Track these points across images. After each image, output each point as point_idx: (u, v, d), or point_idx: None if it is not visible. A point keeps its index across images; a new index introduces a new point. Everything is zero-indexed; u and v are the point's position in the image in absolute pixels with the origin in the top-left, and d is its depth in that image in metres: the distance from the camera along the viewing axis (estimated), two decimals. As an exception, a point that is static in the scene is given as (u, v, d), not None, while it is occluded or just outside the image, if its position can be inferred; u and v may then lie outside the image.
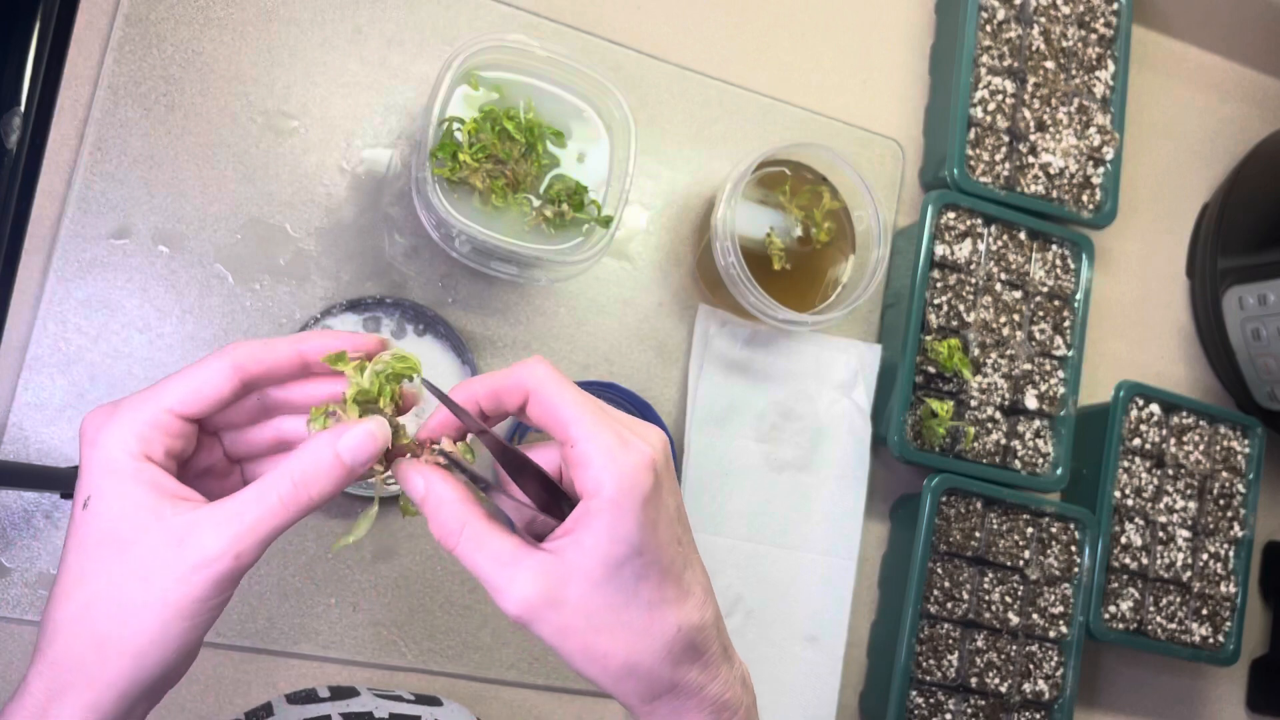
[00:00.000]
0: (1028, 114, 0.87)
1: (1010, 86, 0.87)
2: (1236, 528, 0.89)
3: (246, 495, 0.40)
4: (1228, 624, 0.88)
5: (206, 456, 0.45)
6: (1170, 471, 0.88)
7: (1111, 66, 0.90)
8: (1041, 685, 0.83)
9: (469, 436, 0.46)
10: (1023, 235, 0.86)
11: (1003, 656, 0.82)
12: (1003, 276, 0.85)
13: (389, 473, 0.43)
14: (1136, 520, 0.87)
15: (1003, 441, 0.84)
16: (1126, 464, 0.87)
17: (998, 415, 0.84)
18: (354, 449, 0.41)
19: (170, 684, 0.41)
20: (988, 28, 0.87)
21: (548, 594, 0.39)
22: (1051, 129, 0.87)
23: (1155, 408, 0.88)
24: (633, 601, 0.40)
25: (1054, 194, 0.87)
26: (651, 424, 0.44)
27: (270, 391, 0.44)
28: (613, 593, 0.40)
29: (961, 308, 0.83)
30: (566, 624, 0.40)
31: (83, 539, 0.39)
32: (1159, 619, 0.87)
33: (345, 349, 0.43)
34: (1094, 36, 0.90)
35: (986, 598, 0.82)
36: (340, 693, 0.61)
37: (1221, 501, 0.89)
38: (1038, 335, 0.86)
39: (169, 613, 0.38)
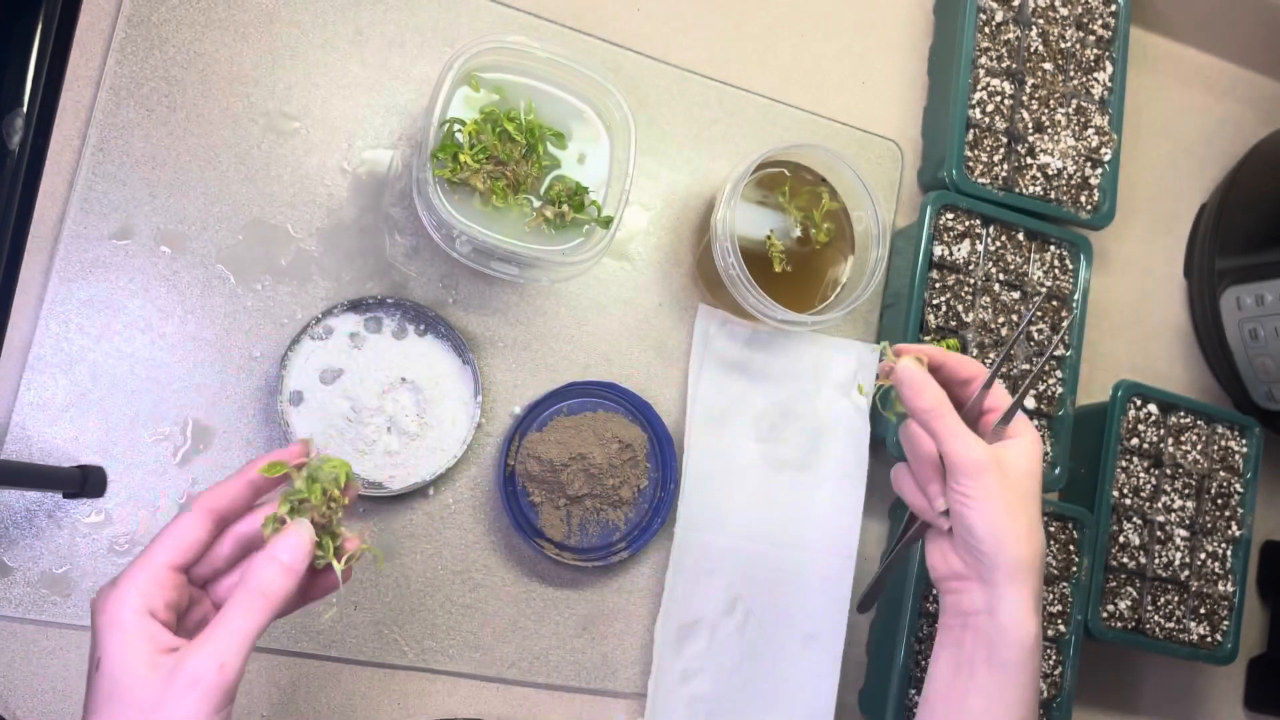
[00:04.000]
0: (1026, 115, 0.87)
1: (1009, 88, 0.87)
2: (1234, 527, 0.89)
3: (220, 616, 0.46)
4: (1225, 623, 0.88)
5: (199, 610, 0.51)
6: (1168, 471, 0.88)
7: (1110, 68, 0.91)
8: (1040, 684, 0.83)
9: None
10: (1021, 236, 0.87)
11: (1001, 655, 0.82)
12: (1001, 277, 0.85)
13: (324, 555, 0.50)
14: (1134, 519, 0.87)
15: (1001, 441, 0.84)
16: (1124, 463, 0.87)
17: (996, 415, 0.84)
18: (291, 549, 0.48)
19: None
20: (986, 29, 0.87)
21: (995, 460, 0.58)
22: (1050, 130, 0.88)
23: (1153, 407, 0.88)
24: (1032, 506, 0.59)
25: (1052, 195, 0.87)
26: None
27: (239, 530, 0.52)
28: (1027, 490, 0.59)
29: (960, 308, 0.83)
30: (997, 490, 0.57)
31: (96, 695, 0.44)
32: (1157, 618, 0.87)
33: (278, 460, 0.51)
34: (1092, 38, 0.91)
35: (985, 597, 0.82)
36: None
37: (1219, 501, 0.89)
38: (1036, 335, 0.86)
39: None
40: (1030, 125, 0.87)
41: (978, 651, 0.59)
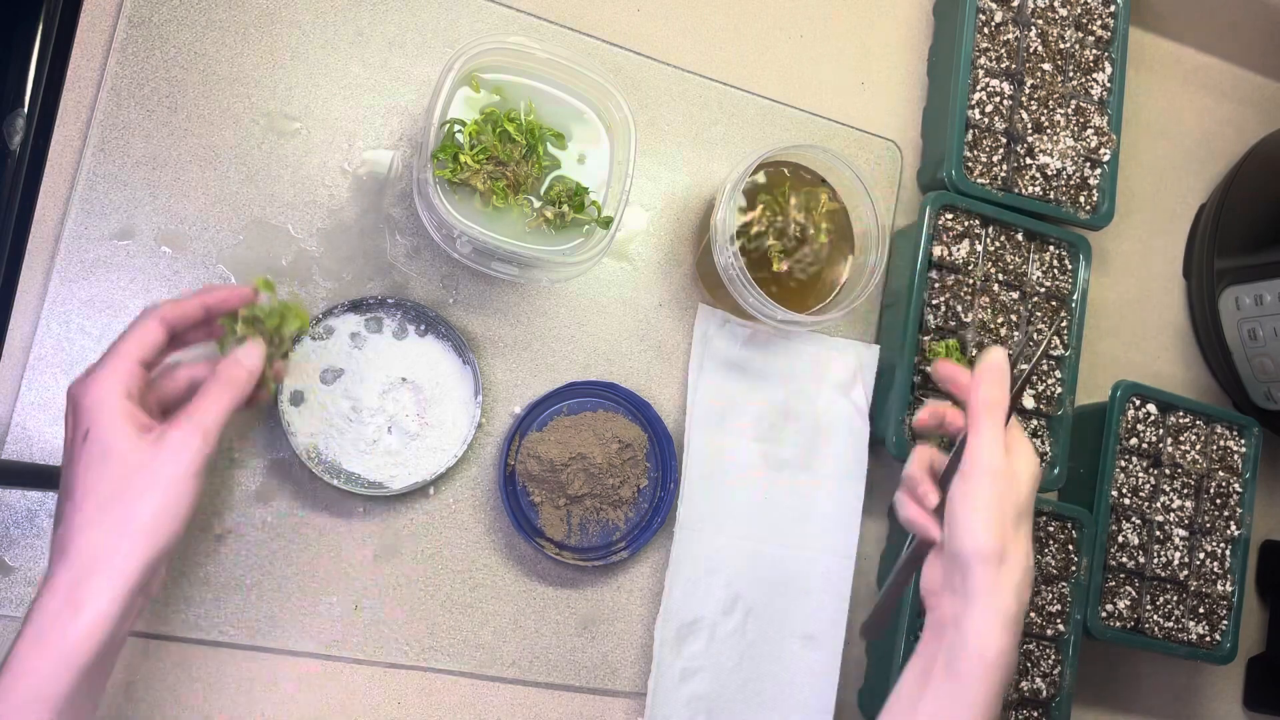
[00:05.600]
0: (1025, 115, 0.87)
1: (1008, 88, 0.87)
2: (1233, 527, 0.90)
3: (198, 399, 0.55)
4: (1224, 622, 0.89)
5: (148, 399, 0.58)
6: (1167, 471, 0.88)
7: (1109, 68, 0.91)
8: (1039, 683, 0.83)
9: None
10: (1020, 236, 0.87)
11: (1001, 655, 0.82)
12: (1000, 277, 0.85)
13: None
14: (1134, 519, 0.87)
15: (1000, 441, 0.84)
16: (1124, 463, 0.87)
17: (995, 415, 0.84)
18: (250, 357, 0.57)
19: (177, 546, 0.54)
20: (985, 30, 0.87)
21: (1010, 469, 0.60)
22: (1049, 130, 0.88)
23: (1152, 407, 0.89)
24: (1026, 521, 0.60)
25: (1051, 195, 0.88)
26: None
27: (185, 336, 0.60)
28: (1025, 504, 0.60)
29: (959, 308, 0.84)
30: (1000, 496, 0.59)
31: (88, 461, 0.51)
32: (1156, 617, 0.87)
33: (234, 308, 0.60)
34: (1091, 38, 0.91)
35: (984, 596, 0.83)
36: None
37: (1218, 501, 0.90)
38: (1035, 336, 0.86)
39: (170, 490, 0.52)
40: (1029, 126, 0.87)
41: (939, 658, 0.59)
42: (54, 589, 0.50)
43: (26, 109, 0.68)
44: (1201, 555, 0.89)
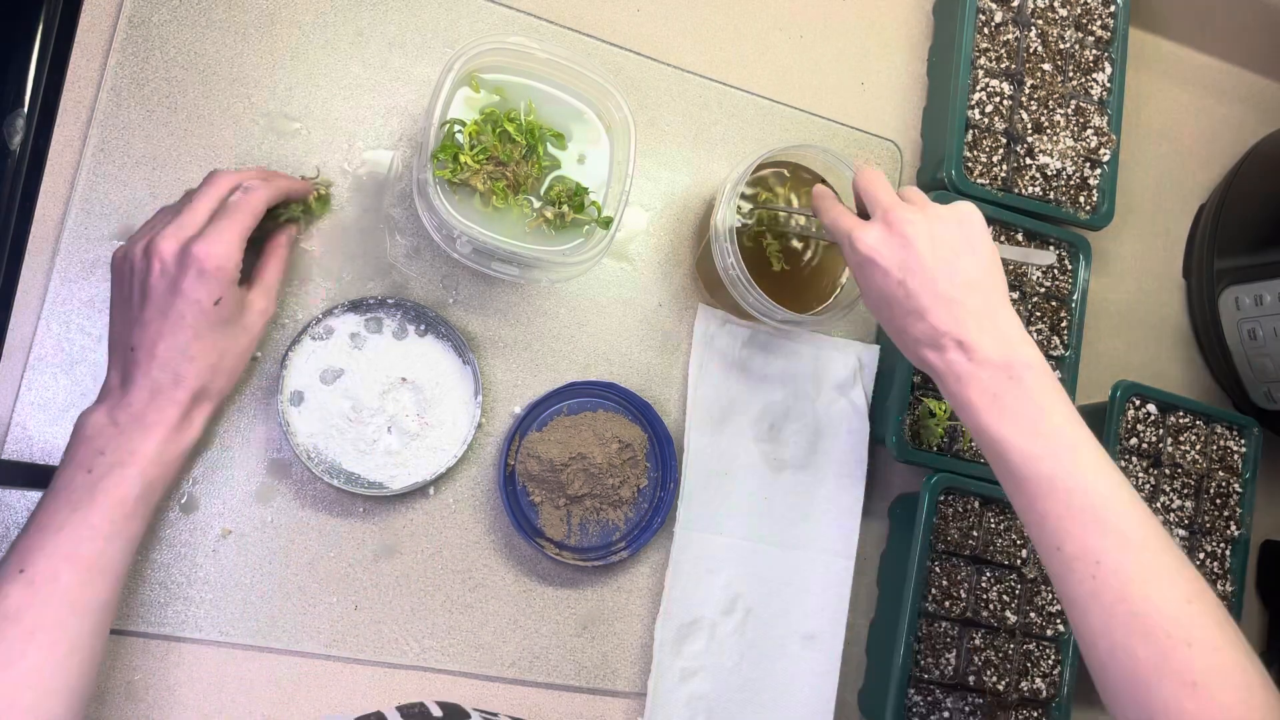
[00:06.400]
0: (1025, 116, 0.87)
1: (1008, 88, 0.87)
2: (1233, 527, 0.90)
3: (260, 272, 0.69)
4: (1224, 623, 0.89)
5: None
6: (1167, 471, 0.88)
7: (1109, 68, 0.91)
8: (1039, 683, 0.83)
9: None
10: (1020, 236, 0.87)
11: (1000, 655, 0.82)
12: (1007, 266, 0.85)
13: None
14: (1133, 519, 0.87)
15: (1000, 441, 0.84)
16: (1123, 463, 0.87)
17: (995, 415, 0.84)
18: (289, 234, 0.72)
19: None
20: (985, 30, 0.87)
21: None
22: (1049, 131, 0.88)
23: (1152, 407, 0.89)
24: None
25: (1051, 195, 0.88)
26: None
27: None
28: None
29: (959, 308, 0.84)
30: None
31: (215, 321, 0.63)
32: (1156, 618, 0.87)
33: (302, 187, 0.72)
34: (1091, 39, 0.91)
35: (984, 596, 0.83)
36: (452, 713, 0.68)
37: (1218, 501, 0.90)
38: (1035, 336, 0.86)
39: (250, 339, 0.67)
40: (1029, 126, 0.87)
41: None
42: (174, 408, 0.62)
43: (26, 109, 0.69)
44: (1201, 556, 0.89)
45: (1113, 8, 0.92)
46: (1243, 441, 0.91)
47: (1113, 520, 0.56)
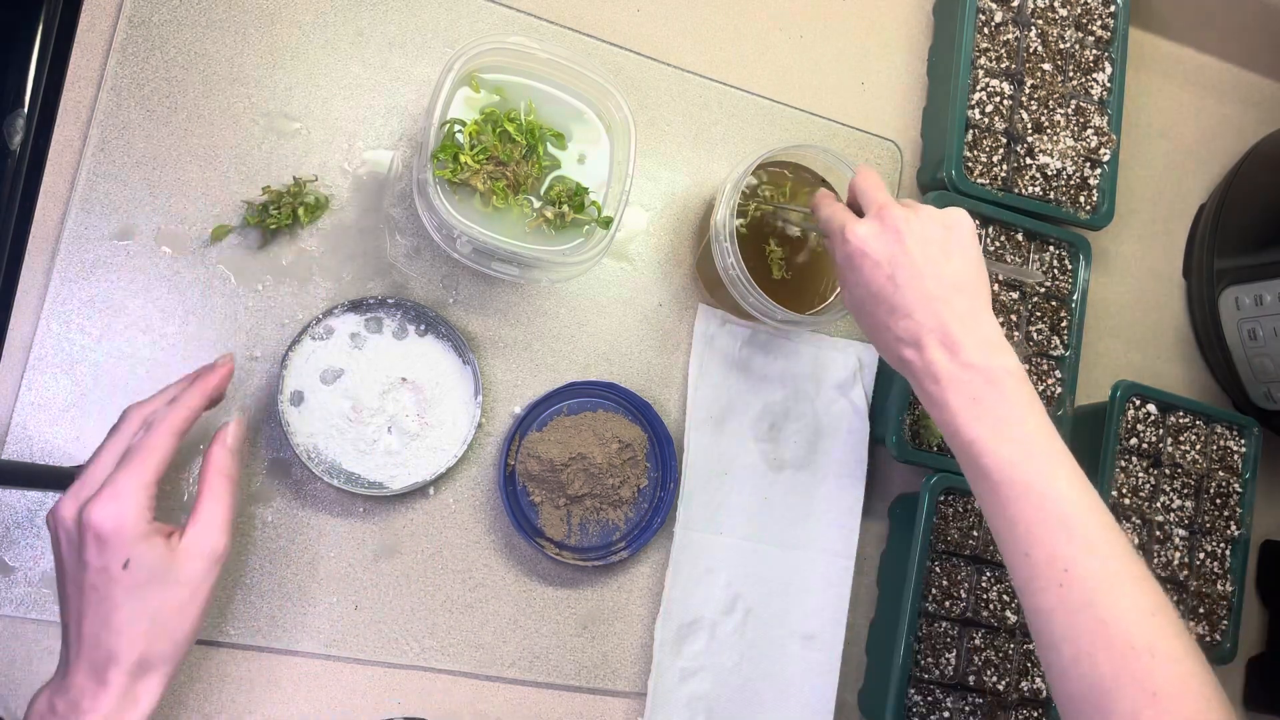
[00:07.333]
0: (1025, 116, 0.87)
1: (1008, 88, 0.87)
2: (1233, 527, 0.90)
3: (203, 510, 0.59)
4: (1224, 622, 0.89)
5: None
6: (1167, 471, 0.88)
7: (1109, 68, 0.91)
8: (1040, 683, 0.83)
9: None
10: (1020, 236, 0.87)
11: (1001, 655, 0.82)
12: (1000, 277, 0.85)
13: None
14: (1133, 519, 0.87)
15: (1000, 441, 0.84)
16: (1123, 463, 0.87)
17: (995, 415, 0.84)
18: (234, 435, 0.62)
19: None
20: (985, 30, 0.87)
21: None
22: (1049, 130, 0.88)
23: (1152, 407, 0.89)
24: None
25: (1051, 195, 0.88)
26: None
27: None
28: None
29: (959, 308, 0.84)
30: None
31: (131, 586, 0.56)
32: (1156, 618, 0.87)
33: (224, 389, 0.64)
34: (1091, 39, 0.91)
35: (984, 596, 0.83)
36: None
37: (1218, 501, 0.90)
38: (1035, 335, 0.86)
39: (201, 595, 0.58)
40: (1029, 126, 0.87)
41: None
42: (107, 691, 0.55)
43: (26, 109, 0.69)
44: (1201, 555, 0.89)
45: (1113, 8, 0.92)
46: (1243, 441, 0.91)
47: (1082, 529, 0.57)
